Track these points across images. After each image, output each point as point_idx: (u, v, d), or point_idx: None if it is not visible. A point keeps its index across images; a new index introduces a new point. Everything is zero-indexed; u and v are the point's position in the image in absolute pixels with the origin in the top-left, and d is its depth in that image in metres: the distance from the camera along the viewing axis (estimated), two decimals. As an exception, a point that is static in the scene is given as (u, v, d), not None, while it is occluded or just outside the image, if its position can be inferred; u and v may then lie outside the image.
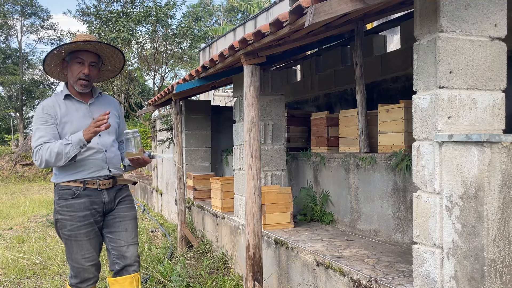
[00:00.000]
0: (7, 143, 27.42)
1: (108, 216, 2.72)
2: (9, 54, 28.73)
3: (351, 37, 4.78)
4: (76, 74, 2.60)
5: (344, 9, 2.13)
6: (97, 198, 2.63)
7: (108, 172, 2.66)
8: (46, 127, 2.53)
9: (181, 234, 5.69)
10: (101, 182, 2.63)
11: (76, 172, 2.58)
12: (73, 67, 2.61)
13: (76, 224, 2.57)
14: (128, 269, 2.69)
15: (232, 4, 17.67)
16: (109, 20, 15.04)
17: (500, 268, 1.90)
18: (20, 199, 11.67)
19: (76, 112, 2.63)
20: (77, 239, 2.58)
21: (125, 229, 2.73)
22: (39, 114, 2.57)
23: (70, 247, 2.59)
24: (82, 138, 2.44)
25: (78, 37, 2.59)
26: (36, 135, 2.53)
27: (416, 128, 2.22)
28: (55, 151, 2.44)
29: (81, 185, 2.58)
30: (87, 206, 2.59)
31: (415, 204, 2.21)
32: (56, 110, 2.58)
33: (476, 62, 2.15)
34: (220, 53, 3.70)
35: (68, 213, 2.57)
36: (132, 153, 2.58)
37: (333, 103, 5.75)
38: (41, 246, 5.77)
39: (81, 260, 2.59)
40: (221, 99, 13.80)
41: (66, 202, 2.57)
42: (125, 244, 2.71)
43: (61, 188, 2.59)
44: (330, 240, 3.65)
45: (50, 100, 2.63)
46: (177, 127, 5.88)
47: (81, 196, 2.58)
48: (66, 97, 2.63)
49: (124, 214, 2.75)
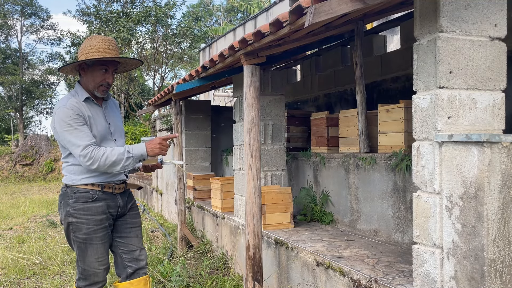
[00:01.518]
0: (7, 143, 27.41)
1: (118, 221, 2.71)
2: (9, 54, 28.72)
3: (351, 37, 4.78)
4: (99, 81, 2.56)
5: (344, 9, 2.13)
6: (113, 202, 2.62)
7: (124, 177, 2.68)
8: (83, 127, 2.45)
9: (181, 234, 5.69)
10: (116, 186, 2.63)
11: (94, 175, 2.53)
12: (96, 73, 2.55)
13: (93, 227, 2.53)
14: (139, 272, 2.74)
15: (232, 4, 17.67)
16: (109, 20, 15.04)
17: (500, 268, 1.90)
18: (20, 199, 11.67)
19: (97, 116, 2.58)
20: (92, 242, 2.54)
21: (136, 235, 2.77)
22: (71, 115, 2.44)
23: (83, 251, 2.55)
24: (144, 153, 2.47)
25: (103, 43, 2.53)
26: (78, 134, 2.43)
27: (416, 128, 2.22)
28: (111, 159, 2.41)
29: (98, 189, 2.55)
30: (104, 210, 2.56)
31: (415, 204, 2.21)
32: (83, 111, 2.50)
33: (476, 62, 2.15)
34: (220, 53, 3.70)
35: (85, 216, 2.52)
36: (149, 160, 2.63)
37: (333, 103, 5.75)
38: (41, 246, 5.77)
39: (95, 264, 2.56)
40: (221, 99, 13.80)
41: (83, 205, 2.52)
42: (138, 248, 2.75)
43: (77, 191, 2.53)
44: (330, 240, 3.65)
45: (73, 101, 2.50)
46: (177, 127, 5.88)
47: (99, 199, 2.55)
48: (85, 99, 2.56)
49: (135, 221, 2.79)
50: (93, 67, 2.55)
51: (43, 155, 19.29)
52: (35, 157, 19.17)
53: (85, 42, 2.58)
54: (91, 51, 2.50)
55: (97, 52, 2.50)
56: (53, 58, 30.40)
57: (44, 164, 19.00)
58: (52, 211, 9.31)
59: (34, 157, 19.12)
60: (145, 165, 2.69)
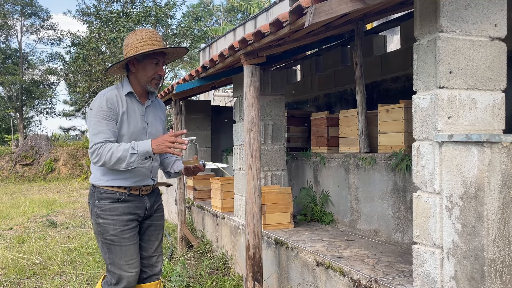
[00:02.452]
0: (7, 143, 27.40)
1: (144, 222, 2.65)
2: (9, 54, 28.71)
3: (351, 37, 4.78)
4: (152, 74, 2.50)
5: (344, 9, 2.13)
6: (140, 203, 2.55)
7: (152, 182, 2.62)
8: (108, 122, 2.39)
9: (181, 234, 5.69)
10: (143, 188, 2.57)
11: (121, 178, 2.48)
12: (148, 67, 2.49)
13: (120, 228, 2.46)
14: (153, 277, 2.70)
15: (232, 4, 17.67)
16: (109, 20, 15.05)
17: (500, 268, 1.90)
18: (20, 199, 11.67)
19: (134, 112, 2.52)
20: (121, 244, 2.47)
21: (157, 238, 2.71)
22: (102, 106, 2.39)
23: (113, 253, 2.47)
24: (150, 151, 2.33)
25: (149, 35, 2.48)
26: (96, 128, 2.37)
27: (416, 128, 2.22)
28: (117, 155, 2.31)
29: (125, 191, 2.49)
30: (132, 211, 2.51)
31: (415, 204, 2.21)
32: (119, 106, 2.45)
33: (476, 62, 2.15)
34: (220, 53, 3.70)
35: (112, 216, 2.46)
36: (189, 161, 2.53)
37: (333, 103, 5.75)
38: (41, 246, 5.77)
39: (125, 266, 2.48)
40: (221, 99, 13.80)
41: (110, 205, 2.46)
42: (156, 255, 2.70)
43: (103, 191, 2.47)
44: (330, 240, 3.65)
45: (112, 93, 2.47)
46: (177, 127, 5.88)
47: (126, 200, 2.49)
48: (128, 94, 2.51)
49: (159, 223, 2.73)
50: (144, 61, 2.49)
51: (43, 155, 19.28)
52: (35, 157, 19.17)
53: (130, 37, 2.51)
54: (139, 45, 2.45)
55: (146, 45, 2.45)
56: (53, 58, 30.41)
57: (44, 164, 18.99)
58: (52, 211, 9.31)
59: (34, 157, 19.12)
60: (186, 167, 2.56)
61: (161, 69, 2.55)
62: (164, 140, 2.34)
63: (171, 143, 2.33)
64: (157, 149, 2.34)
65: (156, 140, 2.36)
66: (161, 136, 2.38)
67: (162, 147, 2.33)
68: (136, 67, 2.51)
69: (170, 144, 2.33)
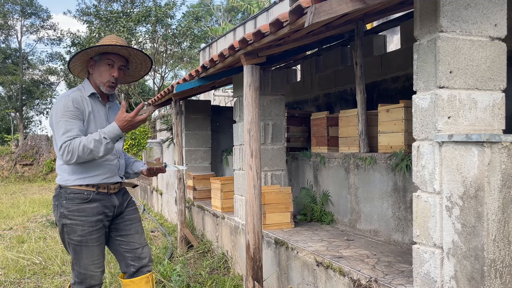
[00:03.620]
0: (7, 143, 27.40)
1: (117, 219, 2.67)
2: (9, 54, 28.71)
3: (351, 37, 4.77)
4: (105, 76, 2.54)
5: (344, 9, 2.13)
6: (108, 202, 2.57)
7: (120, 179, 2.64)
8: (76, 121, 2.42)
9: (181, 234, 5.69)
10: (111, 186, 2.58)
11: (90, 176, 2.49)
12: (102, 68, 2.54)
13: (88, 229, 2.47)
14: (143, 270, 2.70)
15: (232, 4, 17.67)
16: (109, 20, 15.05)
17: (500, 268, 1.90)
18: (20, 199, 11.67)
19: (98, 113, 2.56)
20: (87, 244, 2.48)
21: (137, 231, 2.73)
22: (68, 106, 2.42)
23: (79, 253, 2.48)
24: (119, 132, 2.39)
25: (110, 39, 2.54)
26: (63, 128, 2.38)
27: (416, 128, 2.22)
28: (89, 147, 2.33)
29: (93, 189, 2.50)
30: (100, 211, 2.51)
31: (415, 204, 2.21)
32: (84, 106, 2.49)
33: (476, 62, 2.15)
34: (220, 53, 3.70)
35: (80, 217, 2.46)
36: (153, 163, 2.62)
37: (333, 103, 5.75)
38: (41, 246, 5.77)
39: (91, 266, 2.50)
40: (221, 99, 13.80)
41: (78, 206, 2.46)
42: (140, 246, 2.70)
43: (71, 191, 2.47)
44: (330, 240, 3.65)
45: (77, 94, 2.49)
46: (177, 127, 5.88)
47: (94, 200, 2.50)
48: (91, 95, 2.55)
49: (133, 217, 2.74)
50: (99, 63, 2.54)
51: (43, 155, 19.28)
52: (35, 157, 19.17)
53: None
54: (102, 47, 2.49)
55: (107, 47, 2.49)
56: (53, 58, 30.43)
57: (44, 164, 19.00)
58: (52, 211, 9.30)
59: (34, 157, 19.12)
60: (149, 168, 2.65)
61: (115, 71, 2.56)
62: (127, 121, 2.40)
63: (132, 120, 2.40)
64: (124, 129, 2.41)
65: (120, 122, 2.41)
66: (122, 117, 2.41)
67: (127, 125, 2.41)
68: (93, 68, 2.57)
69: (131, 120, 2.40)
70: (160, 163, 2.63)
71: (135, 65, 2.76)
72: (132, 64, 2.74)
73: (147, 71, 2.83)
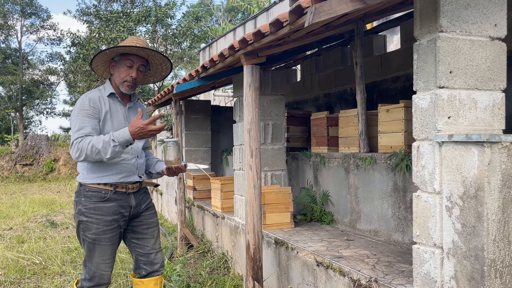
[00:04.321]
0: (7, 143, 27.40)
1: (134, 221, 2.70)
2: (9, 54, 28.70)
3: (351, 37, 4.77)
4: (124, 76, 2.58)
5: (344, 9, 2.13)
6: (125, 202, 2.59)
7: (138, 178, 2.66)
8: (90, 120, 2.46)
9: (181, 234, 5.69)
10: (130, 186, 2.61)
11: (107, 175, 2.53)
12: (121, 69, 2.58)
13: (102, 228, 2.51)
14: (153, 274, 2.76)
15: (232, 4, 17.67)
16: (109, 20, 15.05)
17: (500, 268, 1.90)
18: (20, 199, 11.67)
19: (116, 112, 2.60)
20: (101, 243, 2.52)
21: (152, 235, 2.76)
22: (84, 105, 2.47)
23: (92, 251, 2.53)
24: (129, 139, 2.38)
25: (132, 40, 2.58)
26: (77, 125, 2.43)
27: (416, 128, 2.22)
28: (97, 147, 2.35)
29: (111, 188, 2.53)
30: (116, 210, 2.55)
31: (415, 204, 2.21)
32: (101, 105, 2.53)
33: (476, 62, 2.15)
34: (220, 53, 3.70)
35: (96, 216, 2.50)
36: (171, 162, 2.58)
37: (333, 103, 5.75)
38: (41, 246, 5.77)
39: (102, 265, 2.54)
40: (221, 99, 13.79)
41: (95, 204, 2.51)
42: (154, 251, 2.74)
43: (89, 189, 2.52)
44: (330, 240, 3.65)
45: (95, 93, 2.56)
46: (177, 127, 5.88)
47: (111, 199, 2.53)
48: (110, 95, 2.60)
49: (151, 221, 2.77)
50: (119, 63, 2.59)
51: (43, 155, 19.28)
52: (35, 157, 19.16)
53: None
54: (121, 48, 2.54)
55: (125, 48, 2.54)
56: (53, 58, 30.41)
57: (44, 164, 18.99)
58: (52, 211, 9.31)
59: (34, 157, 19.12)
60: (168, 167, 2.62)
61: (134, 71, 2.59)
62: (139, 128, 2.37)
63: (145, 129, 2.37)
64: (135, 136, 2.40)
65: (132, 128, 2.38)
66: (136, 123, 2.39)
67: (139, 133, 2.38)
68: (113, 69, 2.63)
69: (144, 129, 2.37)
70: (179, 162, 2.59)
71: (155, 66, 2.80)
72: (153, 65, 2.78)
73: (168, 72, 2.85)
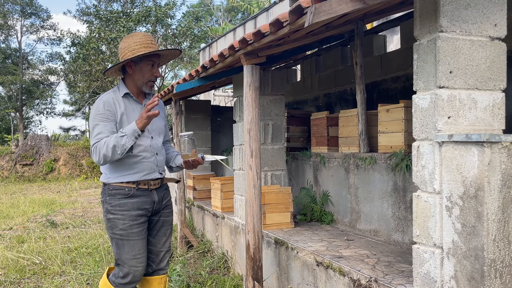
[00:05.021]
0: (7, 143, 27.39)
1: (153, 217, 2.73)
2: (9, 54, 28.70)
3: (351, 37, 4.77)
4: (148, 76, 2.61)
5: (344, 9, 2.13)
6: (148, 198, 2.64)
7: (159, 175, 2.69)
8: (106, 124, 2.50)
9: (181, 234, 5.69)
10: (152, 182, 2.65)
11: (129, 173, 2.58)
12: (144, 69, 2.60)
13: (129, 223, 2.56)
14: (159, 272, 2.79)
15: (232, 4, 17.67)
16: (109, 20, 15.05)
17: (500, 268, 1.90)
18: (20, 199, 11.67)
19: (133, 112, 2.62)
20: (129, 238, 2.56)
21: (165, 234, 2.79)
22: (99, 109, 2.51)
23: (121, 247, 2.57)
24: (136, 128, 2.43)
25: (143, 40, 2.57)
26: (95, 131, 2.49)
27: (416, 128, 2.22)
28: (111, 145, 2.40)
29: (134, 186, 2.58)
30: (140, 206, 2.60)
31: (415, 204, 2.21)
32: (116, 107, 2.55)
33: (476, 62, 2.15)
34: (220, 53, 3.70)
35: (121, 212, 2.56)
36: (188, 155, 2.62)
37: (333, 103, 5.75)
38: (41, 246, 5.77)
39: (133, 261, 2.57)
40: (221, 99, 13.80)
41: (119, 201, 2.56)
42: (164, 251, 2.79)
43: (113, 188, 2.57)
44: (330, 240, 3.65)
45: (109, 96, 2.58)
46: (177, 127, 5.88)
47: (135, 196, 2.58)
48: (125, 95, 2.62)
49: (167, 220, 2.80)
50: (140, 63, 2.60)
51: (43, 155, 19.28)
52: (35, 157, 19.16)
53: (126, 41, 2.60)
54: (136, 47, 2.54)
55: (143, 47, 2.55)
56: (53, 58, 30.41)
57: (44, 164, 18.99)
58: (52, 211, 9.30)
59: (34, 157, 19.12)
60: (185, 161, 2.65)
61: (157, 70, 2.65)
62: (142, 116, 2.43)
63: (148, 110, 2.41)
64: (140, 123, 2.44)
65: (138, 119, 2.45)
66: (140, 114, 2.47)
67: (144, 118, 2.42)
68: (133, 69, 2.61)
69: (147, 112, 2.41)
70: (195, 155, 2.62)
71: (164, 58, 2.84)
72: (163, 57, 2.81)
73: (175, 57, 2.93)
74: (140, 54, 2.51)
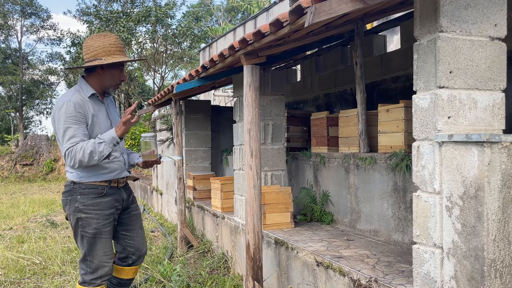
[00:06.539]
0: (7, 143, 27.41)
1: (124, 214, 2.84)
2: (9, 54, 28.71)
3: (351, 37, 4.78)
4: (117, 79, 2.70)
5: (344, 9, 2.13)
6: (119, 196, 2.73)
7: (127, 173, 2.81)
8: (79, 127, 2.50)
9: (181, 234, 5.69)
10: (121, 180, 2.75)
11: (103, 173, 2.64)
12: (114, 72, 2.66)
13: (102, 222, 2.63)
14: (137, 262, 2.95)
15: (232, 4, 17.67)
16: (109, 20, 15.05)
17: (500, 268, 1.90)
18: (20, 199, 11.67)
19: (100, 112, 2.66)
20: (101, 236, 2.64)
21: (140, 226, 2.94)
22: (70, 112, 2.48)
23: (92, 245, 2.63)
24: (115, 136, 2.50)
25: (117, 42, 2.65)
26: (67, 134, 2.47)
27: (416, 128, 2.22)
28: (88, 151, 2.44)
29: (106, 184, 2.65)
30: (112, 204, 2.68)
31: (415, 204, 2.21)
32: (86, 109, 2.55)
33: (476, 62, 2.15)
34: (220, 53, 3.70)
35: (95, 211, 2.61)
36: (148, 155, 2.73)
37: (333, 103, 5.75)
38: (41, 246, 5.77)
39: (103, 257, 2.66)
40: (221, 99, 13.80)
41: (93, 200, 2.61)
42: (142, 242, 2.93)
43: (85, 187, 2.60)
44: (330, 240, 3.65)
45: (77, 97, 2.55)
46: (177, 127, 5.88)
47: (107, 194, 2.66)
48: (91, 96, 2.62)
49: (137, 213, 2.95)
50: (114, 67, 2.66)
51: (43, 155, 19.28)
52: (35, 157, 19.17)
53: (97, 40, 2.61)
54: (112, 50, 2.59)
55: (118, 51, 2.62)
56: (53, 58, 30.42)
57: (44, 164, 19.00)
58: (52, 211, 9.30)
59: (34, 157, 19.12)
60: (145, 161, 2.76)
61: (124, 75, 2.76)
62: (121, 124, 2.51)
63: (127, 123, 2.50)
64: (119, 131, 2.51)
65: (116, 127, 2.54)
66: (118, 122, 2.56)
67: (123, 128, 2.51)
68: (104, 71, 2.64)
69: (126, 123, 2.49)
70: (155, 155, 2.74)
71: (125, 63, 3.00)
72: None
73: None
74: (127, 60, 2.61)
